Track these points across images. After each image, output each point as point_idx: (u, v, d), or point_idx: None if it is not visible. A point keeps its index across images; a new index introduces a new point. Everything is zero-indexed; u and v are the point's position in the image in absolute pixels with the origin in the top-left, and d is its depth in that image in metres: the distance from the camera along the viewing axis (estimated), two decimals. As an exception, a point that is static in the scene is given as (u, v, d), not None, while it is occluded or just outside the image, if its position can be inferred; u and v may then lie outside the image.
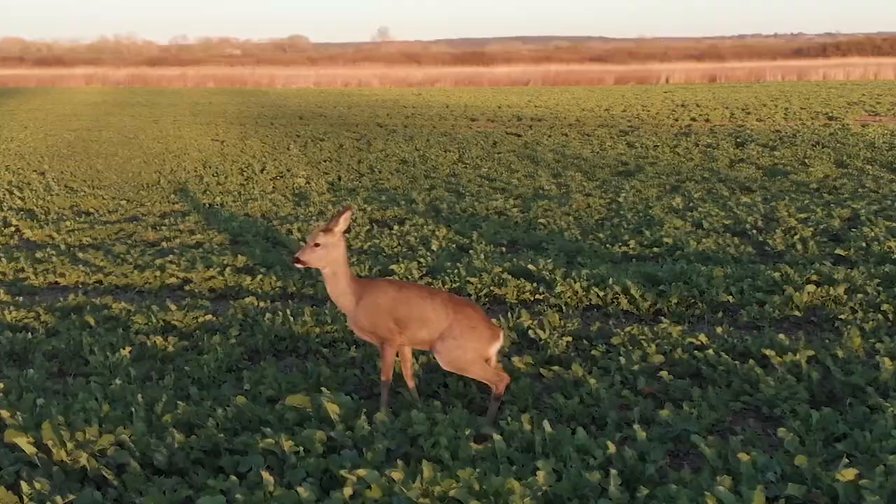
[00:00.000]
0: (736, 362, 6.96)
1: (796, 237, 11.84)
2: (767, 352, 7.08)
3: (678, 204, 15.16)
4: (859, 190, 16.43)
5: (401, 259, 11.29)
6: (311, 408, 5.93)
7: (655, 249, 11.59)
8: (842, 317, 8.17)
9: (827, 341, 7.49)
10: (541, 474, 4.74)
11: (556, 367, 7.06)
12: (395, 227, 13.78)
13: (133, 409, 5.98)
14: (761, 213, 13.86)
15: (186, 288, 10.51)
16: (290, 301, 9.73)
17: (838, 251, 10.94)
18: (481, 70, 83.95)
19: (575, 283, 9.50)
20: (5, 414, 5.97)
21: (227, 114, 43.60)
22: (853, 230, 12.25)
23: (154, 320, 8.77)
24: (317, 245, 6.34)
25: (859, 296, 8.66)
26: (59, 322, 8.91)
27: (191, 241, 13.24)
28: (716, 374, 6.88)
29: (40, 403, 6.13)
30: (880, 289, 8.81)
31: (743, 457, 4.96)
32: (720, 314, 8.70)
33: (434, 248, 12.10)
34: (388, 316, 6.39)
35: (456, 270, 10.25)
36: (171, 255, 11.84)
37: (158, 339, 8.06)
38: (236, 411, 6.04)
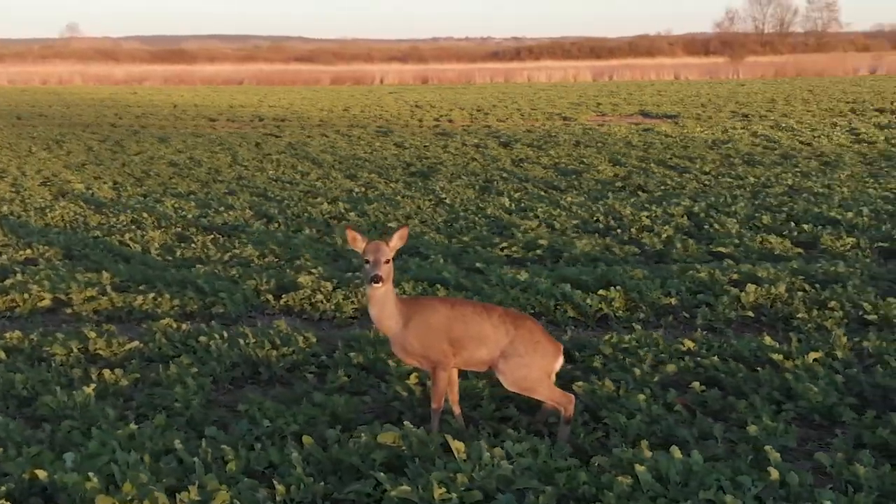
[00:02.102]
0: (758, 369, 6.89)
1: (664, 236, 12.06)
2: (775, 356, 7.07)
3: (509, 204, 15.13)
4: (663, 187, 17.03)
5: (291, 270, 10.51)
6: (403, 445, 5.26)
7: (538, 252, 11.45)
8: (799, 316, 8.34)
9: (813, 342, 7.58)
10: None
11: (581, 383, 6.71)
12: (241, 235, 12.87)
13: (191, 460, 5.09)
14: (601, 211, 14.06)
15: (68, 311, 9.28)
16: (210, 322, 8.77)
17: (718, 249, 11.21)
18: (192, 69, 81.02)
19: (510, 289, 9.17)
20: (42, 474, 4.95)
21: (-71, 113, 39.60)
22: (705, 227, 12.66)
23: (75, 350, 7.63)
24: (388, 261, 5.75)
25: (800, 294, 8.89)
26: (-49, 358, 7.57)
27: (20, 258, 11.75)
28: (737, 382, 6.77)
29: (71, 459, 5.08)
30: (817, 286, 9.09)
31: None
32: (671, 318, 8.67)
33: (307, 258, 11.37)
34: (442, 336, 5.83)
35: (367, 281, 9.64)
36: (17, 275, 10.38)
37: (107, 373, 7.00)
38: (305, 454, 5.28)
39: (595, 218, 13.62)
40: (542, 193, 16.58)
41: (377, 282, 5.66)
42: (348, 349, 7.64)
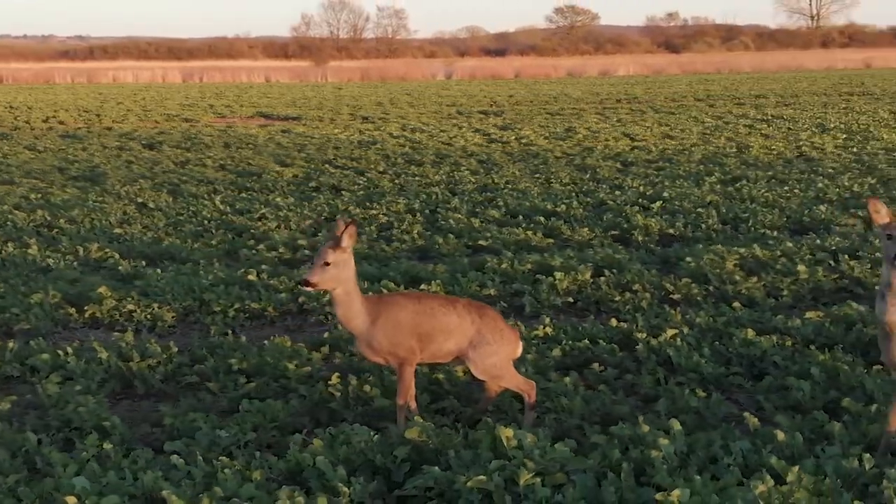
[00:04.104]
0: (637, 347, 7.38)
1: (414, 232, 12.28)
2: (639, 335, 7.61)
3: (223, 207, 14.67)
4: (358, 187, 17.15)
5: (63, 282, 9.62)
6: (431, 441, 5.19)
7: (305, 252, 11.30)
8: (617, 299, 8.99)
9: (652, 321, 8.19)
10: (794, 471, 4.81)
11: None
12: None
13: (198, 472, 4.75)
14: (328, 211, 14.07)
15: None
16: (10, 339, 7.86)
17: (479, 242, 11.66)
18: None
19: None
20: (72, 500, 4.45)
21: None
22: (440, 223, 13.05)
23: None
24: (327, 264, 5.57)
25: (602, 279, 9.53)
26: None
27: None
28: (619, 360, 7.23)
29: (88, 484, 4.52)
30: (615, 271, 9.76)
31: None
32: (496, 307, 8.96)
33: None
34: (411, 333, 5.80)
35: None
36: None
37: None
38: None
39: (325, 217, 13.66)
40: (244, 195, 16.25)
41: (302, 284, 5.64)
42: (218, 357, 7.24)
